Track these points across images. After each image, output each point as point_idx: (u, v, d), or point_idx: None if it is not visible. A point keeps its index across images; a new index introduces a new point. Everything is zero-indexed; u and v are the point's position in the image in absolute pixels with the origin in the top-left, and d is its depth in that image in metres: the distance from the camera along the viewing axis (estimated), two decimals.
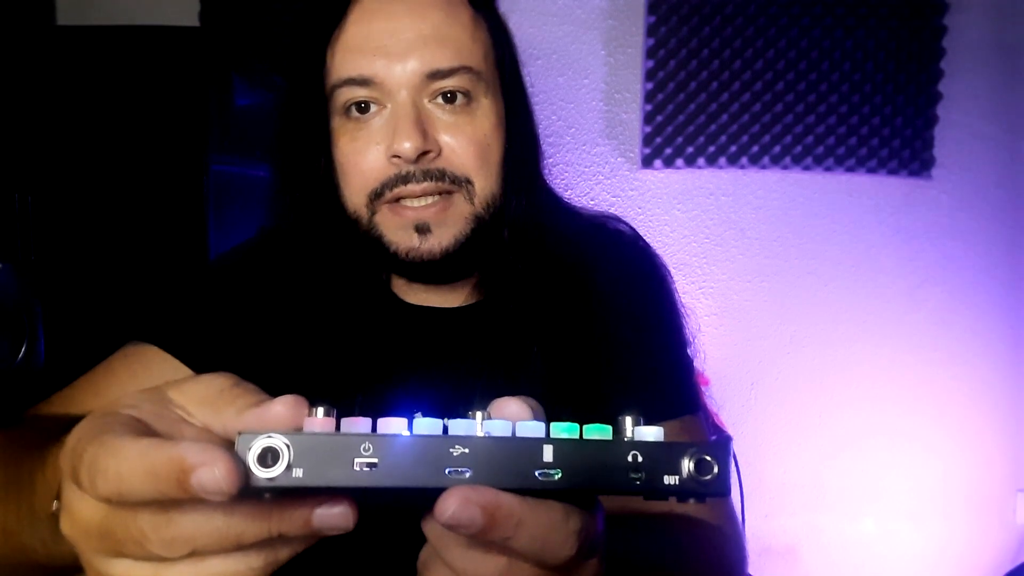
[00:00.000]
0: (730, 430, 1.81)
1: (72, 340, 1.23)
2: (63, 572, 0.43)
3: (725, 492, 0.29)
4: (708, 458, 0.29)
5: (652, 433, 0.30)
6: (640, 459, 0.29)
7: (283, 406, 0.31)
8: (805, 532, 2.05)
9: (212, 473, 0.27)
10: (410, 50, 0.66)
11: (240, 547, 0.30)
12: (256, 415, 0.31)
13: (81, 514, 0.31)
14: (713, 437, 0.85)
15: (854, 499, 2.05)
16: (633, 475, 0.29)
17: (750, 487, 1.83)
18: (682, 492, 0.29)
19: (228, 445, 0.29)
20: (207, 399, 0.34)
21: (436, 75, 0.67)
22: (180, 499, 0.28)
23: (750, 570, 0.77)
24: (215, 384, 0.34)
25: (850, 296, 2.04)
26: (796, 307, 2.04)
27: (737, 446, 1.81)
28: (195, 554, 0.30)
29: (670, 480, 0.29)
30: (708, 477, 0.29)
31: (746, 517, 0.87)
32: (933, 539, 2.07)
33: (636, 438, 0.30)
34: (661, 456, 0.30)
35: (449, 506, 0.28)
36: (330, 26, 0.69)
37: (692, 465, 0.29)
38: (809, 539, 2.05)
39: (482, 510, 0.28)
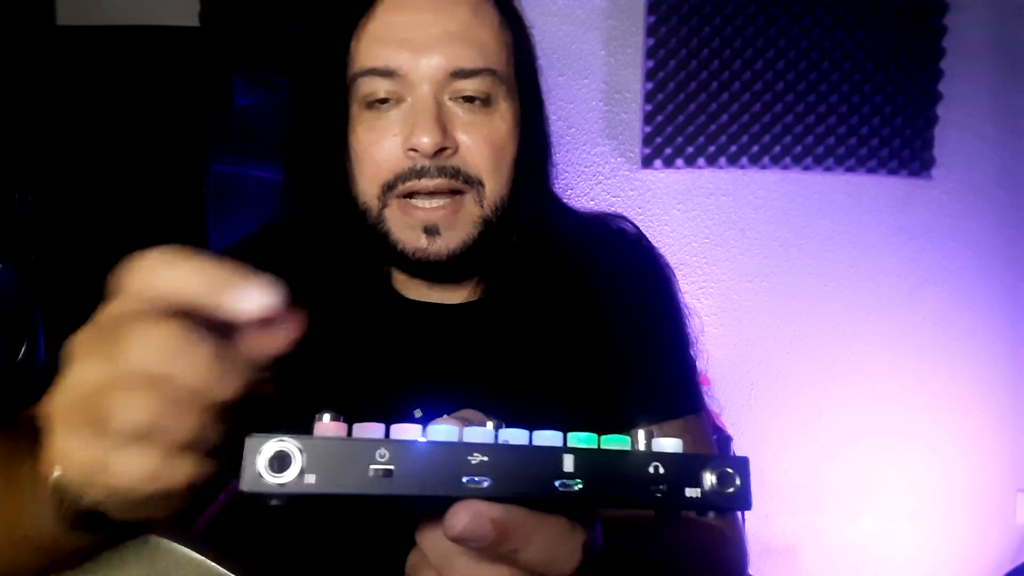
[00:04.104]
0: (730, 430, 1.80)
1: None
2: (66, 564, 0.43)
3: (747, 505, 0.29)
4: (731, 471, 0.29)
5: (671, 445, 0.30)
6: (661, 471, 0.29)
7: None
8: (805, 532, 2.05)
9: (254, 290, 0.32)
10: (436, 45, 0.66)
11: (183, 435, 0.31)
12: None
13: (74, 380, 0.32)
14: (714, 436, 0.85)
15: (854, 499, 2.05)
16: (654, 487, 0.29)
17: None
18: (704, 505, 0.29)
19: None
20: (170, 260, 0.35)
21: (460, 74, 0.67)
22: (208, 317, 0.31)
23: (750, 570, 0.76)
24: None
25: (850, 296, 2.04)
26: (796, 307, 2.04)
27: (737, 446, 1.81)
28: (145, 440, 0.31)
29: (691, 493, 0.29)
30: (731, 490, 0.29)
31: (746, 517, 0.87)
32: (933, 539, 2.06)
33: (655, 449, 0.29)
34: (682, 468, 0.29)
35: (460, 520, 0.28)
36: (356, 15, 0.69)
37: (714, 478, 0.29)
38: (809, 539, 2.05)
39: (494, 523, 0.28)
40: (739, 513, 0.75)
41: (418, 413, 0.66)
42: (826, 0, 1.94)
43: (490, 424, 0.30)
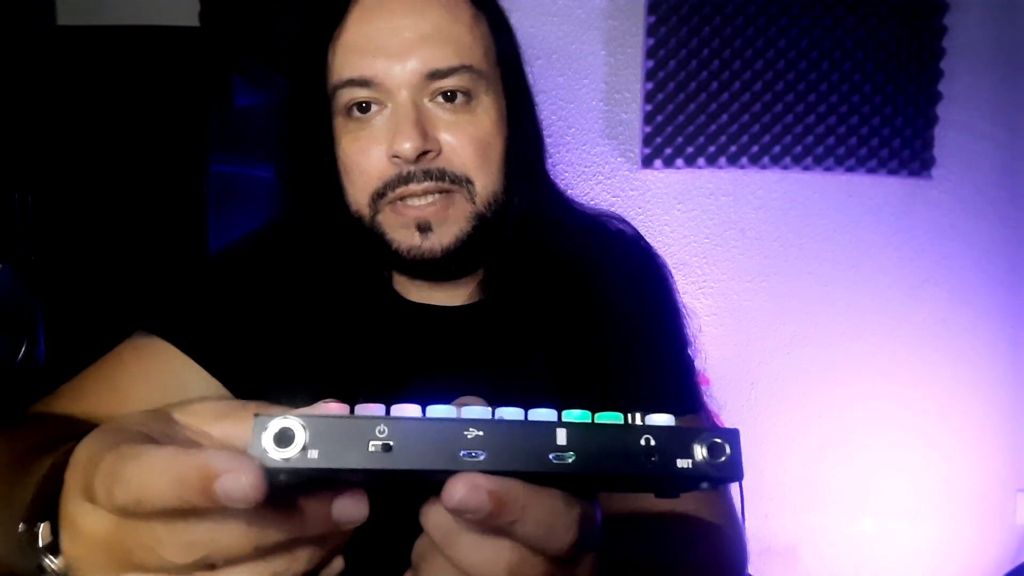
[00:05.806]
0: None
1: (72, 340, 1.23)
2: None
3: (738, 476, 0.30)
4: (720, 441, 0.30)
5: (663, 419, 0.31)
6: (653, 443, 0.30)
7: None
8: (805, 532, 2.05)
9: (239, 480, 0.27)
10: (410, 50, 0.66)
11: (258, 553, 0.30)
12: None
13: (88, 528, 0.31)
14: None
15: (854, 499, 2.05)
16: (646, 459, 0.29)
17: (750, 487, 1.82)
18: (695, 477, 0.30)
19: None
20: (222, 412, 0.34)
21: (436, 75, 0.67)
22: (200, 508, 0.28)
23: (750, 570, 0.77)
24: (223, 400, 0.35)
25: (850, 296, 2.04)
26: (796, 307, 2.05)
27: None
28: (210, 562, 0.30)
29: (683, 464, 0.29)
30: (721, 460, 0.30)
31: (746, 517, 0.87)
32: (933, 539, 2.07)
33: (647, 423, 0.30)
34: (673, 440, 0.30)
35: (457, 491, 0.28)
36: (331, 26, 0.69)
37: (705, 449, 0.30)
38: (809, 539, 2.05)
39: (490, 495, 0.28)
40: (740, 512, 0.75)
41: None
42: (826, 0, 1.94)
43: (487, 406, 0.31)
